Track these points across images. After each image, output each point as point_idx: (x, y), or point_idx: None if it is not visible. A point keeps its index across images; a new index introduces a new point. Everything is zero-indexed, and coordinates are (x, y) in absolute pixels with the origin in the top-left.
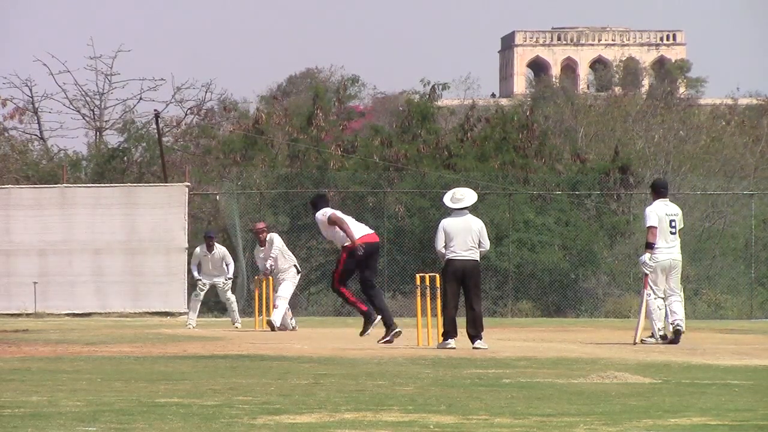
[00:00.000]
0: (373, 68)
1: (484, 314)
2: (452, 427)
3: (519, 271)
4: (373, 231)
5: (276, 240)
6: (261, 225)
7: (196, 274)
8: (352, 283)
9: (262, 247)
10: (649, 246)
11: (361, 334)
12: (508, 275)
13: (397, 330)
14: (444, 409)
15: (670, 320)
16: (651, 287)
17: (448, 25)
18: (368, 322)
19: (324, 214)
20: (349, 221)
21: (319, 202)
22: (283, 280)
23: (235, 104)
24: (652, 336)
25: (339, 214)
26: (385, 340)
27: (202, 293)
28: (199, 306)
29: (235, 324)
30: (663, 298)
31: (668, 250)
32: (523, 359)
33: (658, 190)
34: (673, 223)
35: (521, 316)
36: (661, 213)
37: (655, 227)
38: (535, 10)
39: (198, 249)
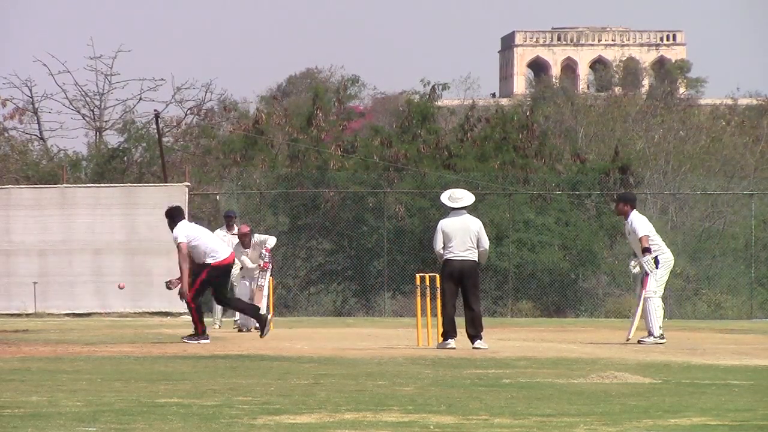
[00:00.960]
0: (373, 68)
1: (484, 314)
2: (452, 427)
3: (519, 271)
4: (231, 251)
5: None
6: (246, 229)
7: None
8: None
9: (246, 248)
10: (647, 250)
11: (182, 337)
12: (508, 275)
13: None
14: (444, 409)
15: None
16: (655, 287)
17: (448, 25)
18: (196, 336)
19: (176, 236)
20: (208, 240)
21: (175, 215)
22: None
23: (235, 104)
24: (650, 335)
25: (193, 238)
26: (258, 329)
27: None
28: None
29: (237, 322)
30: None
31: (669, 250)
32: (523, 359)
33: (634, 203)
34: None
35: (521, 316)
36: (645, 219)
37: (648, 235)
38: (535, 10)
39: (218, 231)
